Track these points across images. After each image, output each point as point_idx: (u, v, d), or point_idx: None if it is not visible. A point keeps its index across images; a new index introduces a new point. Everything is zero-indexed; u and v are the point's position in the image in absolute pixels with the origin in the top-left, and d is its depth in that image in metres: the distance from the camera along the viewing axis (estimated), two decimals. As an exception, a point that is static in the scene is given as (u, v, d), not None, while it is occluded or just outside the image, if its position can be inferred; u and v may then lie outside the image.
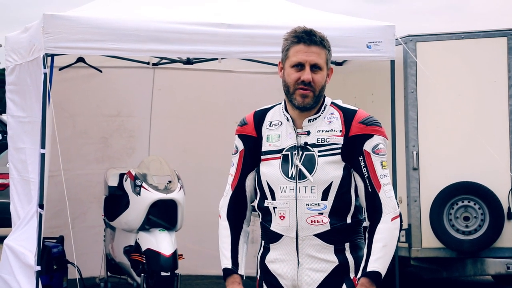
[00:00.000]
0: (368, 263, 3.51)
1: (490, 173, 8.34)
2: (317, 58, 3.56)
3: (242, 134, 3.71)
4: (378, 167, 3.57)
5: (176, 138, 9.89)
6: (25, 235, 7.47)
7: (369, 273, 3.50)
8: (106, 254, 8.82)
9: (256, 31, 7.62)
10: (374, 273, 3.50)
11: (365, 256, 3.54)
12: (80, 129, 9.54)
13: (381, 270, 3.51)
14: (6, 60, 8.25)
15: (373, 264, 3.50)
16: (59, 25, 7.20)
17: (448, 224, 8.38)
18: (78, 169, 9.52)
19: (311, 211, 3.54)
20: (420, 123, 8.47)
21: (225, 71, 9.81)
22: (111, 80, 9.57)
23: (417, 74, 8.45)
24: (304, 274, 3.59)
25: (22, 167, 7.87)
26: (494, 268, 8.41)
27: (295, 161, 3.57)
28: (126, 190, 8.07)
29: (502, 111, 8.39)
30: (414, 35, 8.54)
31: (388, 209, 3.55)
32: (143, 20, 7.52)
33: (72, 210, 9.40)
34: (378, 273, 3.50)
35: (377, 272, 3.50)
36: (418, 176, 8.46)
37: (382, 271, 3.51)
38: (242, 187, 3.71)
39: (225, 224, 3.71)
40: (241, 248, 3.69)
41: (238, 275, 3.66)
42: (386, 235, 3.52)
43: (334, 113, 3.62)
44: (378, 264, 3.50)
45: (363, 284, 3.50)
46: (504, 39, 8.43)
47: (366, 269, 3.51)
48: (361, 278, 3.51)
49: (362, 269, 3.53)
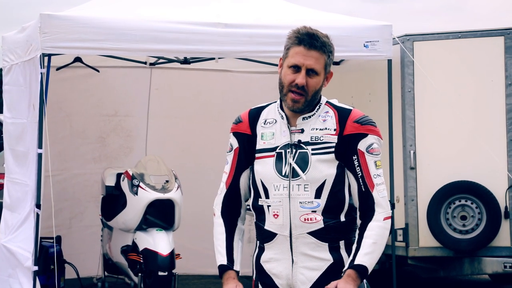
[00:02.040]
0: (357, 256, 3.48)
1: (487, 172, 8.33)
2: (315, 63, 3.55)
3: (237, 132, 3.70)
4: (372, 166, 3.56)
5: (174, 138, 9.88)
6: (22, 235, 7.46)
7: (356, 266, 3.47)
8: (104, 254, 8.81)
9: (253, 31, 7.62)
10: (361, 266, 3.47)
11: (353, 250, 3.52)
12: (77, 129, 9.54)
13: (368, 266, 3.48)
14: (3, 60, 8.25)
15: (361, 258, 3.48)
16: (56, 25, 7.20)
17: (446, 223, 8.38)
18: (75, 168, 9.52)
19: (304, 209, 3.53)
20: (418, 123, 8.46)
21: (222, 70, 9.81)
22: (108, 80, 9.57)
23: (414, 74, 8.45)
24: (298, 272, 3.58)
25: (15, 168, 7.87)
26: (491, 267, 8.40)
27: (289, 159, 3.56)
28: (124, 189, 8.06)
29: (500, 110, 8.38)
30: (411, 34, 8.54)
31: (380, 209, 3.54)
32: (140, 19, 7.51)
33: (69, 209, 9.44)
34: (365, 267, 3.47)
35: (364, 266, 3.47)
36: (416, 175, 8.45)
37: (369, 266, 3.48)
38: (237, 185, 3.70)
39: (220, 221, 3.70)
40: (236, 245, 3.68)
41: (234, 271, 3.65)
42: (377, 233, 3.50)
43: (328, 112, 3.61)
44: (366, 259, 3.48)
45: (349, 275, 3.46)
46: (501, 38, 8.42)
47: (354, 262, 3.48)
48: (347, 270, 3.48)
49: (349, 262, 3.50)
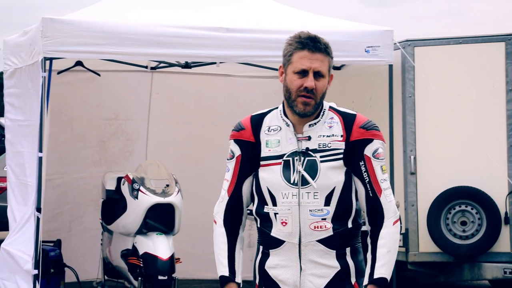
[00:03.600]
0: (375, 269, 3.51)
1: (487, 178, 8.33)
2: (321, 65, 3.53)
3: (239, 139, 3.66)
4: (378, 171, 3.58)
5: (174, 142, 9.87)
6: (22, 238, 7.47)
7: (376, 279, 3.50)
8: (103, 257, 8.81)
9: (254, 35, 7.62)
10: (381, 279, 3.50)
11: (369, 262, 3.54)
12: (78, 133, 9.54)
13: (387, 276, 3.52)
14: (5, 63, 8.25)
15: (380, 271, 3.50)
16: (57, 29, 7.21)
17: (446, 229, 8.38)
18: (76, 172, 9.52)
19: (314, 216, 3.53)
20: (418, 128, 8.46)
21: (223, 75, 9.81)
22: (109, 84, 9.57)
23: (415, 79, 8.45)
24: (306, 280, 3.58)
25: (20, 170, 7.88)
26: (491, 272, 8.40)
27: (297, 167, 3.54)
28: (124, 193, 8.06)
29: (500, 115, 8.39)
30: (412, 39, 8.54)
31: (389, 214, 3.56)
32: (141, 24, 7.52)
33: (69, 213, 9.44)
34: (385, 279, 3.51)
35: (384, 278, 3.51)
36: (416, 181, 8.45)
37: (388, 276, 3.52)
38: (239, 192, 3.66)
39: (221, 230, 3.67)
40: (237, 255, 3.66)
41: (235, 283, 3.64)
42: (389, 240, 3.53)
43: (333, 118, 3.60)
44: (384, 270, 3.51)
45: None
46: (503, 44, 8.43)
47: (373, 275, 3.51)
48: (368, 286, 3.51)
49: (368, 275, 3.52)
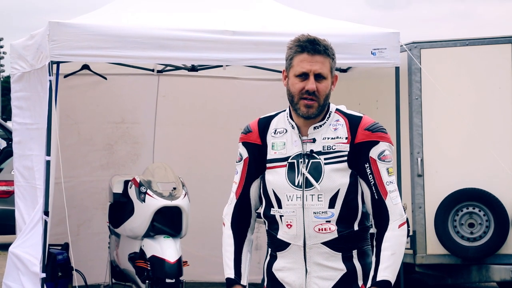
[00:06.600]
0: (378, 272, 3.50)
1: (495, 179, 8.32)
2: (321, 67, 3.53)
3: (247, 142, 3.68)
4: (384, 174, 3.57)
5: (181, 145, 9.88)
6: (30, 242, 7.48)
7: (379, 282, 3.50)
8: (111, 261, 8.82)
9: (261, 38, 7.63)
10: (383, 282, 3.50)
11: (373, 264, 3.53)
12: (85, 136, 9.55)
13: (390, 279, 3.51)
14: (13, 67, 8.26)
15: (383, 273, 3.50)
16: (64, 32, 7.23)
17: (453, 231, 8.37)
18: (83, 176, 9.53)
19: (319, 219, 3.53)
20: (425, 130, 8.47)
21: (229, 78, 9.81)
22: (116, 87, 9.58)
23: (422, 81, 8.45)
24: (312, 282, 3.58)
25: (28, 173, 7.89)
26: (499, 274, 8.39)
27: (301, 169, 3.55)
28: (131, 197, 8.08)
29: (507, 117, 8.39)
30: (418, 42, 8.54)
31: (395, 216, 3.55)
32: (147, 27, 7.53)
33: (77, 217, 9.45)
34: (388, 282, 3.50)
35: (386, 281, 3.50)
36: (423, 183, 8.45)
37: (392, 279, 3.51)
38: (247, 195, 3.68)
39: (229, 232, 3.68)
40: (244, 258, 3.67)
41: (241, 286, 3.65)
42: (394, 243, 3.52)
43: (339, 120, 3.60)
44: (388, 272, 3.50)
45: None
46: (509, 46, 8.43)
47: (376, 278, 3.50)
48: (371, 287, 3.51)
49: (371, 278, 3.52)
